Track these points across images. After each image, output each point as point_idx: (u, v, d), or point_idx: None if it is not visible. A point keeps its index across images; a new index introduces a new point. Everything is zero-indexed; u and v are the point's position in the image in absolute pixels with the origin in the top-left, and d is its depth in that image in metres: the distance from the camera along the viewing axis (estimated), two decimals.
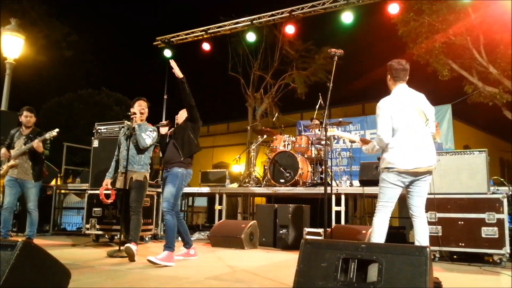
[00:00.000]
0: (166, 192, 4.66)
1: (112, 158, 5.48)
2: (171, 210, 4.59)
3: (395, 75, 3.78)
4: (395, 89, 3.79)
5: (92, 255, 5.27)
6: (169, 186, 4.65)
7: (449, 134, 10.17)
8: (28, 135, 5.88)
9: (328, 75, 14.19)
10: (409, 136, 3.60)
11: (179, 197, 4.82)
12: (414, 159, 3.56)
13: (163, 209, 4.64)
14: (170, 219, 4.58)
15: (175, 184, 4.65)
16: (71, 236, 7.76)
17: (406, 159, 3.57)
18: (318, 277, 2.61)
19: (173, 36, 12.15)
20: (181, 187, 4.75)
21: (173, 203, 4.62)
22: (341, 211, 6.47)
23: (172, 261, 4.46)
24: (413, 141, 3.59)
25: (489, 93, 12.62)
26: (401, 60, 3.82)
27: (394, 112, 3.65)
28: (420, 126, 3.65)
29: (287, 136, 7.90)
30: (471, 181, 5.12)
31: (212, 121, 24.76)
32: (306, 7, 10.25)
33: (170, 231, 4.60)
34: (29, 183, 5.82)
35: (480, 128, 23.11)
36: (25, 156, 5.83)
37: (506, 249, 4.79)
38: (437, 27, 12.17)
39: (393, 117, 3.64)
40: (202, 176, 8.60)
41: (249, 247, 6.16)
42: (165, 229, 4.72)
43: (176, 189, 4.65)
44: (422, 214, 3.71)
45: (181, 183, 4.71)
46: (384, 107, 3.70)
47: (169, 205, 4.59)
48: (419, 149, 3.58)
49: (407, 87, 3.79)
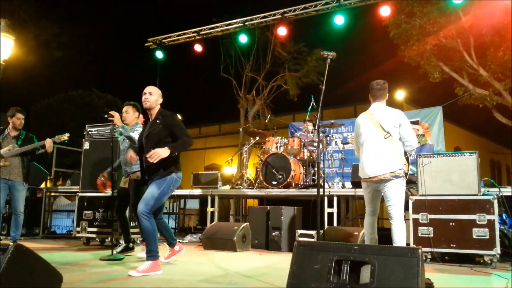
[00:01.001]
0: (148, 193, 4.11)
1: (103, 160, 5.45)
2: (147, 213, 4.00)
3: (373, 94, 4.36)
4: (371, 106, 4.37)
5: (83, 258, 5.21)
6: (153, 188, 4.11)
7: (440, 136, 10.23)
8: (18, 137, 5.82)
9: (320, 77, 14.23)
10: (367, 149, 4.23)
11: (162, 203, 4.31)
12: (369, 169, 4.17)
13: (138, 212, 4.02)
14: (148, 225, 4.01)
15: (160, 187, 4.10)
16: (61, 239, 7.68)
17: (364, 170, 4.23)
18: (311, 279, 2.61)
19: (164, 37, 12.13)
20: (167, 192, 4.18)
21: (152, 206, 4.05)
22: (333, 212, 6.47)
23: (157, 270, 4.05)
24: (369, 154, 4.20)
25: (480, 95, 12.74)
26: (379, 81, 4.37)
27: (361, 128, 4.33)
28: (377, 139, 4.18)
29: (280, 138, 7.90)
30: (462, 182, 5.16)
31: (204, 123, 24.74)
32: (298, 9, 10.29)
33: (150, 237, 4.05)
34: (20, 185, 5.75)
35: (471, 130, 23.33)
36: (18, 158, 5.76)
37: (496, 250, 4.82)
38: (428, 29, 12.26)
39: (362, 133, 4.31)
40: (194, 178, 8.56)
41: (241, 249, 6.14)
42: (144, 236, 4.14)
43: (160, 192, 4.10)
44: (394, 216, 4.09)
45: (168, 187, 4.15)
46: (356, 126, 4.46)
47: (147, 207, 4.01)
48: (374, 160, 4.15)
49: (382, 105, 4.33)
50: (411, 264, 2.40)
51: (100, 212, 6.41)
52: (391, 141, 4.13)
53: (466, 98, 13.19)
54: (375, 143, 4.18)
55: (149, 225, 4.03)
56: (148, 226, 4.02)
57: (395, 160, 4.09)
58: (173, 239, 4.80)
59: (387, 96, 4.38)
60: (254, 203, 10.03)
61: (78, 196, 6.64)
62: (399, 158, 4.11)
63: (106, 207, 6.35)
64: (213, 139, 23.40)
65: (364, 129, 4.29)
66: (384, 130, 4.17)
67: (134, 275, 3.91)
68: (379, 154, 4.13)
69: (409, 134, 4.20)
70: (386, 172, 4.07)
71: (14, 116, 5.84)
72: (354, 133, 4.56)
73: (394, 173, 4.05)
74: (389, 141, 4.14)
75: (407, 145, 4.21)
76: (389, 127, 4.17)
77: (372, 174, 4.14)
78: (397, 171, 4.06)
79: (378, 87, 4.32)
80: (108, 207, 6.31)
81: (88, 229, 6.44)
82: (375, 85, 4.34)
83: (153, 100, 4.31)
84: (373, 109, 4.32)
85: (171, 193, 4.26)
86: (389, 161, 4.08)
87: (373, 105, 4.35)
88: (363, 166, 4.23)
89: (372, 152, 4.18)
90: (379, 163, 4.11)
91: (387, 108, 4.30)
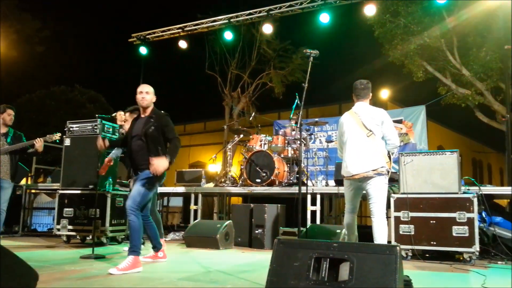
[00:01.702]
0: (134, 190, 4.26)
1: (84, 156, 5.37)
2: (135, 209, 4.14)
3: (357, 93, 4.42)
4: (354, 106, 4.43)
5: (63, 256, 5.14)
6: (139, 185, 4.24)
7: (423, 135, 10.34)
8: (7, 134, 5.71)
9: (305, 75, 14.23)
10: (350, 148, 4.27)
11: (149, 199, 4.42)
12: (352, 167, 4.21)
13: (127, 208, 4.18)
14: (135, 220, 4.13)
15: (145, 184, 4.23)
16: (41, 237, 7.57)
17: (347, 168, 4.26)
18: (290, 276, 2.60)
19: (149, 33, 12.01)
20: (152, 189, 4.34)
21: (139, 203, 4.19)
22: (316, 210, 6.49)
23: (137, 267, 4.07)
24: (352, 152, 4.24)
25: (462, 95, 12.91)
26: (363, 81, 4.43)
27: (345, 127, 4.37)
28: (360, 138, 4.22)
29: (264, 136, 7.89)
30: (443, 181, 5.21)
31: (188, 120, 24.60)
32: (284, 7, 10.28)
33: (135, 232, 4.16)
34: (6, 183, 5.62)
35: (454, 129, 23.65)
36: (7, 156, 5.64)
37: (475, 247, 4.89)
38: (412, 29, 12.38)
39: (345, 132, 4.36)
40: (178, 176, 8.51)
41: (224, 247, 6.12)
42: (129, 231, 4.28)
43: (146, 189, 4.24)
44: (375, 214, 4.13)
45: (153, 184, 4.31)
46: (339, 125, 4.51)
47: (134, 204, 4.15)
48: (356, 158, 4.19)
49: (365, 104, 4.39)
50: (389, 261, 2.40)
51: (81, 209, 6.32)
52: (373, 140, 4.18)
53: (449, 98, 13.36)
54: (358, 141, 4.23)
55: (136, 220, 4.14)
56: (135, 221, 4.14)
57: (378, 158, 4.13)
58: (159, 243, 4.80)
59: (370, 96, 4.43)
60: (238, 200, 10.03)
61: (58, 194, 6.54)
62: (382, 156, 4.15)
63: (87, 204, 6.26)
64: (198, 137, 23.29)
65: (347, 128, 4.34)
66: (366, 129, 4.22)
67: (114, 273, 3.89)
68: (361, 152, 4.18)
69: (391, 132, 4.25)
70: (369, 170, 4.11)
71: (5, 112, 5.74)
72: (337, 132, 4.62)
73: (376, 171, 4.10)
74: (372, 140, 4.18)
75: (389, 144, 4.27)
76: (371, 126, 4.22)
77: (355, 172, 4.17)
78: (380, 169, 4.11)
79: (361, 86, 4.39)
80: (89, 205, 6.22)
81: (69, 227, 6.35)
82: (359, 85, 4.40)
83: (149, 99, 4.44)
84: (356, 108, 4.38)
85: (156, 189, 4.46)
86: (372, 159, 4.13)
87: (356, 104, 4.41)
88: (346, 164, 4.28)
89: (355, 150, 4.23)
90: (361, 161, 4.15)
91: (370, 107, 4.36)
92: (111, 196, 6.21)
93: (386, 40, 13.09)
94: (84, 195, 6.31)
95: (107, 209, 6.16)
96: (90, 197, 6.22)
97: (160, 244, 4.82)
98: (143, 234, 4.37)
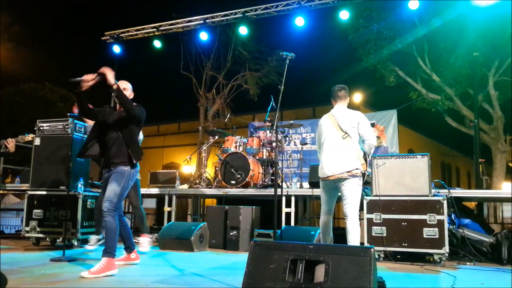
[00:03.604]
0: (109, 191, 4.13)
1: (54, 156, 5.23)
2: (112, 211, 4.06)
3: (334, 96, 4.58)
4: (333, 108, 4.57)
5: (32, 259, 4.99)
6: (113, 185, 4.13)
7: (394, 138, 10.56)
8: None
9: (280, 77, 14.34)
10: (326, 149, 4.40)
11: (123, 198, 4.34)
12: (327, 168, 4.32)
13: (103, 210, 4.07)
14: (112, 221, 4.05)
15: (120, 183, 4.14)
16: (9, 239, 7.32)
17: (323, 169, 4.38)
18: (266, 278, 2.61)
19: (122, 31, 11.84)
20: (127, 187, 4.25)
21: (116, 203, 4.10)
22: (291, 212, 6.53)
23: (112, 269, 3.97)
24: (328, 153, 4.37)
25: (432, 100, 13.26)
26: (340, 85, 4.60)
27: (322, 129, 4.51)
28: (336, 140, 4.35)
29: (239, 137, 7.89)
30: (414, 183, 5.32)
31: (162, 121, 24.32)
32: (259, 9, 10.32)
33: (111, 234, 4.06)
34: None
35: (424, 133, 24.22)
36: None
37: (445, 248, 5.01)
38: (385, 34, 12.63)
39: (322, 133, 4.49)
40: (152, 177, 8.40)
41: (198, 249, 6.08)
42: (105, 233, 4.16)
43: (121, 188, 4.14)
44: (349, 214, 4.24)
45: (127, 182, 4.21)
46: (318, 127, 4.65)
47: (111, 205, 4.06)
48: (332, 159, 4.31)
49: (343, 106, 4.53)
50: (363, 263, 2.44)
51: (51, 211, 6.14)
52: (349, 142, 4.30)
53: (419, 103, 13.70)
54: (333, 143, 4.36)
55: (112, 221, 4.05)
56: (112, 222, 4.05)
57: (352, 160, 4.25)
58: (133, 244, 4.70)
59: (348, 99, 4.59)
60: (213, 202, 9.97)
61: (27, 194, 6.35)
62: (356, 158, 4.27)
63: (58, 206, 6.10)
64: (172, 137, 23.05)
65: (325, 130, 4.48)
66: (342, 131, 4.34)
67: (85, 276, 3.79)
68: (337, 154, 4.30)
69: (367, 132, 4.38)
70: (343, 172, 4.23)
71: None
72: (316, 134, 4.75)
73: (351, 172, 4.21)
74: (347, 142, 4.30)
75: (366, 143, 4.40)
76: (347, 128, 4.34)
77: (330, 173, 4.29)
78: (354, 171, 4.22)
79: (338, 89, 4.56)
80: (59, 206, 6.07)
81: (38, 229, 6.16)
82: (336, 88, 4.56)
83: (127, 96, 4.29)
84: (334, 111, 4.52)
85: (129, 187, 4.30)
86: (347, 161, 4.24)
87: (335, 107, 4.56)
88: (322, 166, 4.40)
89: (330, 152, 4.35)
90: (337, 163, 4.27)
91: (347, 110, 4.50)
92: (82, 197, 6.08)
93: (359, 44, 13.31)
94: (54, 196, 6.14)
95: (78, 211, 6.01)
96: (61, 198, 6.06)
97: (133, 244, 4.72)
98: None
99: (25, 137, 5.48)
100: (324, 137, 4.46)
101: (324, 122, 4.52)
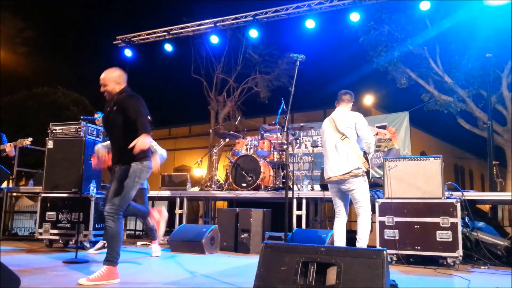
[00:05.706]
0: (112, 191, 3.78)
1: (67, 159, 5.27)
2: (113, 214, 3.67)
3: (338, 98, 4.77)
4: (335, 111, 4.74)
5: (45, 261, 5.04)
6: (116, 185, 3.78)
7: (407, 141, 10.46)
8: None
9: (290, 80, 14.31)
10: (327, 152, 4.59)
11: (129, 199, 3.84)
12: (329, 170, 4.51)
13: (104, 214, 3.72)
14: (113, 226, 3.66)
15: (123, 181, 3.76)
16: (23, 241, 7.41)
17: (326, 171, 4.57)
18: (277, 281, 2.60)
19: (134, 35, 11.94)
20: (134, 186, 3.78)
21: (118, 206, 3.69)
22: (302, 215, 6.50)
23: (112, 279, 3.63)
24: (329, 156, 4.55)
25: (444, 102, 13.11)
26: (347, 90, 4.76)
27: (323, 132, 4.71)
28: (335, 141, 4.51)
29: (250, 140, 7.88)
30: (426, 186, 5.26)
31: (174, 124, 24.45)
32: (269, 12, 10.33)
33: (113, 240, 3.69)
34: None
35: (436, 135, 23.97)
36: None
37: (459, 252, 4.94)
38: (396, 36, 12.55)
39: (323, 137, 4.69)
40: (163, 180, 8.43)
41: (210, 251, 6.08)
42: (106, 238, 3.85)
43: (125, 189, 3.73)
44: (360, 213, 4.44)
45: (133, 180, 3.76)
46: (321, 130, 4.81)
47: (112, 208, 3.68)
48: (333, 161, 4.49)
49: (343, 109, 4.70)
50: (376, 265, 2.42)
51: (64, 213, 6.22)
52: (347, 143, 4.45)
53: (431, 104, 13.56)
54: (333, 145, 4.54)
55: (113, 226, 3.67)
56: (113, 227, 3.67)
57: (352, 160, 4.39)
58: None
59: (351, 103, 4.72)
60: (224, 205, 9.98)
61: (41, 197, 6.42)
62: (356, 158, 4.40)
63: (70, 208, 6.16)
64: (183, 141, 23.15)
65: (326, 133, 4.67)
66: (340, 133, 4.50)
67: (82, 283, 3.54)
68: (337, 156, 4.49)
69: (364, 131, 4.51)
70: (344, 172, 4.40)
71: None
72: (321, 138, 4.98)
73: (352, 173, 4.35)
74: (346, 143, 4.45)
75: (364, 142, 4.51)
76: (344, 129, 4.49)
77: (332, 174, 4.48)
78: (354, 171, 4.36)
79: (341, 92, 4.75)
80: (72, 208, 6.13)
81: (51, 231, 6.24)
82: (342, 92, 4.76)
83: (110, 90, 3.95)
84: (334, 114, 4.72)
85: (139, 185, 3.85)
86: (346, 162, 4.39)
87: (337, 109, 4.74)
88: (325, 168, 4.61)
89: (331, 154, 4.54)
90: (337, 164, 4.45)
91: (346, 112, 4.64)
92: (94, 199, 6.13)
93: (370, 46, 13.24)
94: (67, 199, 6.22)
95: (91, 213, 6.08)
96: (73, 201, 6.13)
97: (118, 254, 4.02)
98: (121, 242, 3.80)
99: (23, 141, 5.55)
100: (325, 139, 4.65)
101: (325, 126, 4.70)
